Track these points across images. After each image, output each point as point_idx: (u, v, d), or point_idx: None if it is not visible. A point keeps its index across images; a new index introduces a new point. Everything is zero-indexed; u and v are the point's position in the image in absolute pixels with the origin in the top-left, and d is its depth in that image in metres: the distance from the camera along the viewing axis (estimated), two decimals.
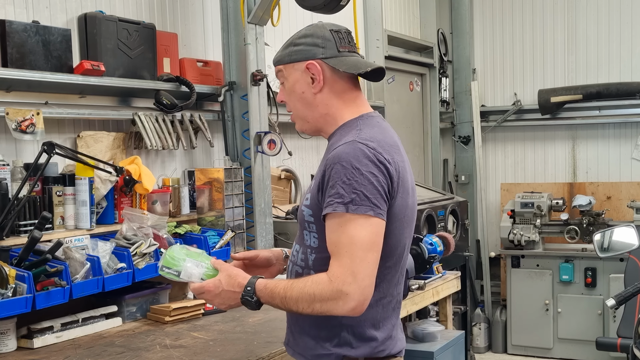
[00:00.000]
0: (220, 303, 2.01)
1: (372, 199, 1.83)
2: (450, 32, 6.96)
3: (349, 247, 1.82)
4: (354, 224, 1.82)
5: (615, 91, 6.24)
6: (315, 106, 2.02)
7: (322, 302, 1.84)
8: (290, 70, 2.03)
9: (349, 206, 1.82)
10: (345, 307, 1.82)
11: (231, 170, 3.63)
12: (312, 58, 1.99)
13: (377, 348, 1.98)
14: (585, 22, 6.54)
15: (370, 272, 1.83)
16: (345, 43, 2.01)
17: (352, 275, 1.81)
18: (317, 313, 1.86)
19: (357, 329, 1.96)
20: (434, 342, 3.58)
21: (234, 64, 3.82)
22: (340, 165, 1.85)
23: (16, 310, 2.47)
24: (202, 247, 3.26)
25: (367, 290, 1.83)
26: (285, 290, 1.90)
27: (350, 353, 1.96)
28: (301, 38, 2.02)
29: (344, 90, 2.02)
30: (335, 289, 1.81)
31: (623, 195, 6.35)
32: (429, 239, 3.52)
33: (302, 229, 2.02)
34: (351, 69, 1.98)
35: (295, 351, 2.07)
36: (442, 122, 6.87)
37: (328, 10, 3.65)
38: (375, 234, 1.85)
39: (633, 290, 2.82)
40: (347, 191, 1.82)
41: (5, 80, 2.81)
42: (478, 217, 6.77)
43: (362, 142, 1.88)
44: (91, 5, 3.35)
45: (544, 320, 6.18)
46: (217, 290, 2.00)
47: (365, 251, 1.82)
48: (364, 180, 1.83)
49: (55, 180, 2.90)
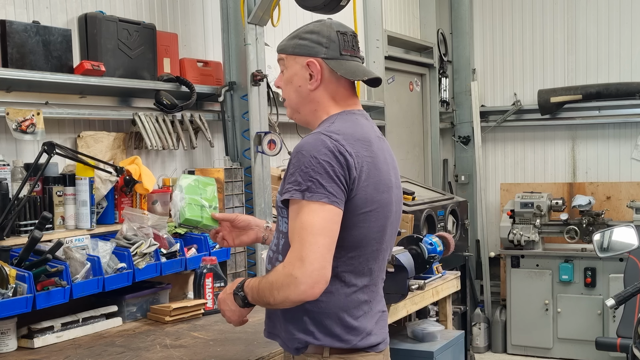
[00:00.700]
0: (227, 309, 2.12)
1: (327, 187, 1.88)
2: (450, 32, 6.96)
3: (300, 232, 1.87)
4: (307, 210, 1.88)
5: (615, 91, 6.24)
6: (309, 101, 2.08)
7: (279, 289, 1.90)
8: (291, 62, 2.08)
9: (305, 193, 1.88)
10: (296, 290, 1.86)
11: (231, 170, 3.63)
12: (314, 56, 2.04)
13: (341, 338, 2.00)
14: (585, 22, 6.54)
15: (320, 255, 1.86)
16: (349, 47, 2.06)
17: (300, 260, 1.86)
18: (280, 302, 1.92)
19: (319, 317, 1.99)
20: (434, 342, 3.59)
21: (234, 64, 3.82)
22: (300, 154, 1.92)
23: (16, 310, 2.47)
24: (202, 248, 3.27)
25: (317, 273, 1.86)
26: (259, 282, 1.99)
27: (314, 341, 2.00)
28: (307, 33, 2.07)
29: (338, 92, 2.08)
30: (286, 273, 1.88)
31: (623, 195, 6.36)
32: (428, 239, 3.53)
33: (278, 216, 2.08)
34: (348, 74, 2.03)
35: (272, 332, 2.14)
36: (442, 122, 6.87)
37: (328, 10, 3.65)
38: (328, 219, 1.88)
39: (633, 290, 2.82)
40: (304, 179, 1.89)
41: (5, 80, 2.81)
42: (478, 217, 6.77)
43: (326, 133, 1.94)
44: (91, 6, 3.35)
45: (544, 320, 6.18)
46: (224, 296, 2.13)
47: (315, 235, 1.86)
48: (320, 168, 1.88)
49: (56, 180, 2.90)
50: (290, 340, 2.03)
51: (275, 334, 2.12)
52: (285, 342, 2.07)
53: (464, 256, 5.48)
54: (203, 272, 3.08)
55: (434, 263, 3.59)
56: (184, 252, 3.19)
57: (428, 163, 6.82)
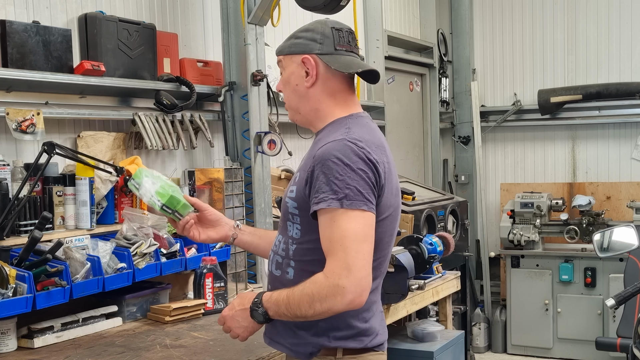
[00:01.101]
0: (237, 326, 2.05)
1: (364, 194, 1.87)
2: (450, 32, 6.96)
3: (342, 240, 1.84)
4: (346, 218, 1.85)
5: (615, 91, 6.24)
6: (307, 99, 2.06)
7: (321, 300, 1.85)
8: (288, 62, 2.08)
9: (343, 201, 1.85)
10: (343, 301, 1.84)
11: (231, 170, 3.63)
12: (308, 52, 2.03)
13: (355, 339, 2.00)
14: (585, 22, 6.54)
15: (366, 263, 1.86)
16: (345, 42, 2.04)
17: (346, 269, 1.83)
18: (321, 314, 1.88)
19: (334, 320, 1.97)
20: (434, 342, 3.59)
21: (234, 64, 3.82)
22: (331, 162, 1.88)
23: (16, 310, 2.47)
24: (202, 247, 3.27)
25: (364, 281, 1.85)
26: (288, 296, 1.93)
27: (328, 344, 1.99)
28: (302, 32, 2.07)
29: (337, 88, 2.06)
30: (331, 284, 1.84)
31: (623, 195, 6.36)
32: (428, 239, 3.53)
33: (285, 220, 2.05)
34: (342, 67, 2.02)
35: (273, 340, 2.10)
36: (442, 122, 6.87)
37: (328, 10, 3.65)
38: (368, 226, 1.88)
39: (633, 290, 2.82)
40: (341, 187, 1.85)
41: (5, 81, 2.81)
42: (478, 217, 6.78)
43: (351, 140, 1.92)
44: (91, 6, 3.35)
45: (544, 320, 6.18)
46: (231, 312, 2.06)
47: (359, 243, 1.85)
48: (356, 176, 1.87)
49: (56, 180, 2.90)
50: (303, 346, 2.01)
51: (278, 342, 2.09)
52: (294, 347, 2.04)
53: (464, 256, 5.47)
54: (203, 272, 3.08)
55: (434, 263, 3.59)
56: (184, 252, 3.19)
57: (428, 163, 6.82)
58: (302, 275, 1.95)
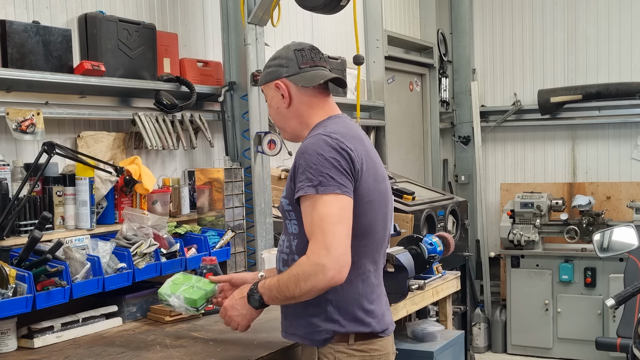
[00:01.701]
0: (237, 314, 2.26)
1: (337, 179, 2.06)
2: (450, 32, 6.96)
3: (320, 223, 2.04)
4: (322, 203, 2.05)
5: (615, 91, 6.24)
6: (290, 118, 2.31)
7: (305, 279, 2.04)
8: (267, 90, 2.35)
9: (318, 188, 2.06)
10: (325, 277, 2.02)
11: (231, 170, 3.63)
12: (278, 78, 2.29)
13: (363, 321, 2.18)
14: (585, 22, 6.54)
15: (342, 242, 2.04)
16: (308, 59, 2.29)
17: (325, 248, 2.02)
18: (306, 292, 2.06)
19: (342, 304, 2.16)
20: (434, 342, 3.58)
21: (234, 64, 3.82)
22: (307, 154, 2.11)
23: (16, 310, 2.47)
24: (202, 247, 3.27)
25: (342, 258, 2.04)
26: (278, 279, 2.13)
27: (340, 329, 2.16)
28: (272, 60, 2.34)
29: (312, 100, 2.29)
30: (312, 263, 2.03)
31: (623, 195, 6.36)
32: (428, 239, 3.53)
33: (284, 220, 2.26)
34: (308, 82, 2.26)
35: (288, 332, 2.28)
36: (442, 122, 6.87)
37: (328, 10, 3.65)
38: (343, 208, 2.07)
39: (633, 290, 2.82)
40: (315, 175, 2.07)
41: (5, 81, 2.81)
42: (478, 217, 6.78)
43: (326, 134, 2.14)
44: (91, 6, 3.35)
45: (544, 320, 6.18)
46: (231, 302, 2.27)
47: (335, 224, 2.04)
48: (328, 164, 2.07)
49: (56, 180, 2.90)
50: (317, 333, 2.17)
51: (292, 333, 2.26)
52: (309, 336, 2.19)
53: (464, 256, 5.47)
54: (203, 272, 3.06)
55: (434, 263, 3.58)
56: (184, 252, 3.19)
57: (428, 163, 6.82)
58: None
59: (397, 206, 4.30)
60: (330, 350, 2.18)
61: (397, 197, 4.46)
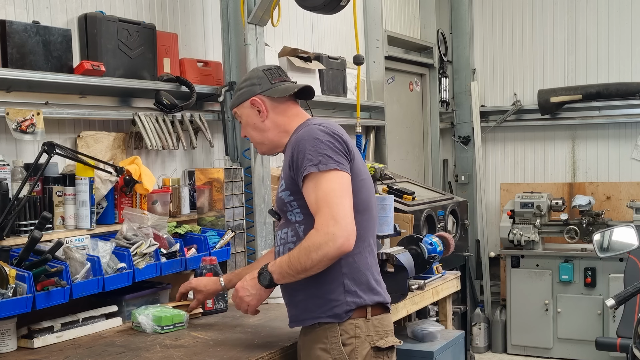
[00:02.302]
0: (247, 294, 2.41)
1: (334, 158, 2.26)
2: (450, 33, 6.97)
3: (325, 198, 2.22)
4: (324, 180, 2.23)
5: (615, 91, 6.24)
6: (268, 130, 2.49)
7: (317, 249, 2.20)
8: (242, 110, 2.54)
9: (319, 166, 2.24)
10: (335, 244, 2.18)
11: (231, 170, 3.63)
12: (252, 95, 2.49)
13: (376, 290, 2.38)
14: (585, 22, 6.55)
15: (348, 212, 2.22)
16: (276, 76, 2.52)
17: (333, 219, 2.19)
18: (318, 262, 2.21)
19: (356, 275, 2.34)
20: (434, 342, 3.58)
21: (234, 64, 3.82)
22: (303, 141, 2.30)
23: (16, 310, 2.47)
24: (202, 247, 3.27)
25: (350, 227, 2.21)
26: (289, 256, 2.28)
27: (358, 300, 2.32)
28: (242, 83, 2.54)
29: (287, 109, 2.50)
30: (322, 233, 2.19)
31: (622, 195, 6.36)
32: (428, 239, 3.53)
33: (285, 214, 2.41)
34: (282, 93, 2.48)
35: (301, 319, 2.39)
36: (442, 122, 6.88)
37: (328, 10, 3.65)
38: (344, 183, 2.26)
39: (633, 290, 2.82)
40: (314, 156, 2.25)
41: (5, 81, 2.81)
42: (478, 217, 6.78)
43: (316, 124, 2.36)
44: (91, 6, 3.35)
45: (544, 320, 6.18)
46: (243, 284, 2.43)
47: (339, 197, 2.22)
48: (325, 146, 2.27)
49: (56, 180, 2.90)
50: (337, 307, 2.31)
51: (307, 318, 2.36)
52: (329, 312, 2.31)
53: (464, 256, 5.47)
54: (203, 272, 3.07)
55: (434, 263, 3.58)
56: (184, 252, 3.19)
57: (428, 163, 6.82)
58: None
59: (397, 206, 4.30)
60: (351, 326, 2.32)
61: (397, 197, 4.46)
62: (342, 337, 2.32)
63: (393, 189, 4.61)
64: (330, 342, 2.32)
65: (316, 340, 2.35)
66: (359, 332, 2.33)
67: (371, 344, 2.35)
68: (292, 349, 2.54)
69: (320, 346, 2.33)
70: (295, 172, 2.30)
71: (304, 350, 2.40)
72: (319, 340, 2.34)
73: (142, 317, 2.75)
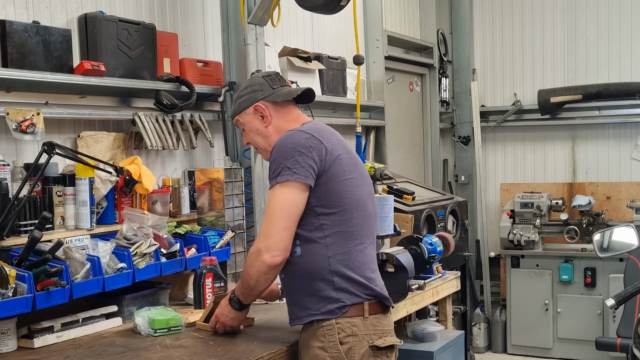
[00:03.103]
0: (227, 318, 2.59)
1: (292, 168, 2.30)
2: (450, 33, 6.96)
3: (267, 213, 2.34)
4: (273, 194, 2.33)
5: (615, 91, 6.24)
6: (271, 134, 2.52)
7: (251, 265, 2.36)
8: (244, 117, 2.57)
9: (277, 178, 2.32)
10: (260, 259, 2.32)
11: (231, 170, 3.63)
12: (256, 101, 2.53)
13: (367, 286, 2.39)
14: (585, 22, 6.55)
15: (280, 228, 2.30)
16: (276, 81, 2.56)
17: (264, 235, 2.33)
18: (255, 276, 2.37)
19: (346, 272, 2.37)
20: (434, 342, 3.58)
21: (234, 64, 3.82)
22: (274, 149, 2.38)
23: (16, 310, 2.47)
24: (202, 247, 3.27)
25: (278, 244, 2.30)
26: (242, 276, 2.45)
27: (351, 298, 2.36)
28: (243, 90, 2.57)
29: (287, 113, 2.54)
30: (254, 249, 2.36)
31: (623, 196, 6.36)
32: (428, 239, 3.53)
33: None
34: (286, 97, 2.52)
35: (299, 317, 2.43)
36: (442, 122, 6.87)
37: (328, 10, 3.65)
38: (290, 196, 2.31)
39: (633, 290, 2.82)
40: (276, 165, 2.33)
41: (5, 81, 2.81)
42: (478, 217, 6.77)
43: (297, 129, 2.41)
44: (91, 6, 3.35)
45: (544, 320, 6.18)
46: (221, 310, 2.60)
47: (277, 214, 2.31)
48: (288, 155, 2.32)
49: (56, 181, 2.90)
50: (330, 303, 2.35)
51: (303, 316, 2.41)
52: (323, 308, 2.36)
53: (464, 256, 5.47)
54: (203, 272, 3.07)
55: (434, 263, 3.58)
56: (184, 252, 3.19)
57: (428, 163, 6.82)
58: (308, 245, 2.37)
59: (397, 206, 4.30)
60: (348, 325, 2.35)
61: (397, 197, 4.46)
62: (339, 335, 2.35)
63: (393, 189, 4.61)
64: (328, 341, 2.35)
65: (314, 339, 2.37)
66: (356, 331, 2.36)
67: (369, 343, 2.37)
68: (292, 349, 2.54)
69: (317, 345, 2.37)
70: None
71: (304, 348, 2.43)
72: (317, 339, 2.37)
73: (138, 318, 2.75)
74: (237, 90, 2.62)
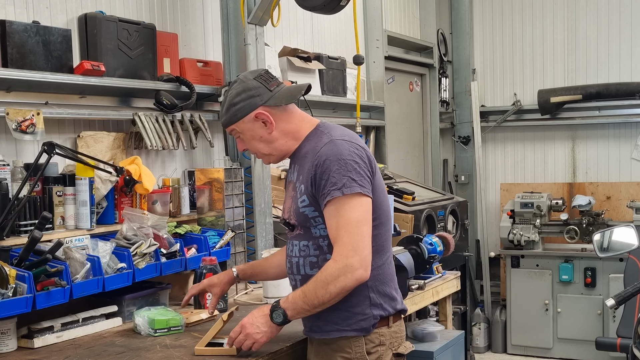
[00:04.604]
0: (256, 332, 2.26)
1: (358, 181, 2.19)
2: (450, 33, 6.97)
3: (346, 226, 2.17)
4: (347, 206, 2.18)
5: (615, 91, 6.24)
6: (276, 140, 2.36)
7: (335, 281, 2.15)
8: (242, 126, 2.36)
9: (343, 189, 2.17)
10: (353, 276, 2.15)
11: (231, 170, 3.63)
12: (255, 108, 2.32)
13: (394, 298, 2.35)
14: (585, 22, 6.55)
15: (367, 242, 2.18)
16: (271, 81, 2.35)
17: (353, 249, 2.15)
18: (336, 295, 2.17)
19: (381, 287, 2.30)
20: (434, 342, 3.58)
21: (234, 64, 3.82)
22: (329, 160, 2.20)
23: (16, 310, 2.47)
24: (202, 247, 3.27)
25: (368, 258, 2.18)
26: (303, 290, 2.22)
27: (383, 312, 2.30)
28: (237, 97, 2.33)
29: (291, 115, 2.38)
30: (341, 265, 2.15)
31: (622, 196, 6.36)
32: (428, 239, 3.53)
33: (307, 227, 2.31)
34: (289, 99, 2.35)
35: (324, 330, 2.31)
36: (442, 122, 6.88)
37: (328, 10, 3.65)
38: (366, 211, 2.21)
39: (633, 290, 2.82)
40: (338, 178, 2.18)
41: (5, 81, 2.81)
42: (478, 217, 6.78)
43: (339, 139, 2.26)
44: (91, 6, 3.35)
45: (544, 320, 6.18)
46: (251, 320, 2.28)
47: (360, 227, 2.17)
48: (349, 167, 2.19)
49: (56, 181, 2.90)
50: (364, 321, 2.27)
51: (331, 330, 2.30)
52: (355, 325, 2.27)
53: (464, 256, 5.47)
54: (203, 272, 3.07)
55: (434, 263, 3.58)
56: (184, 252, 3.19)
57: (428, 163, 6.82)
58: None
59: (397, 206, 4.30)
60: (376, 335, 2.30)
61: (397, 197, 4.46)
62: (366, 346, 2.29)
63: (393, 189, 4.61)
64: (355, 352, 2.29)
65: (338, 350, 2.31)
66: (383, 340, 2.32)
67: (393, 351, 2.35)
68: (293, 349, 2.54)
69: (342, 355, 2.30)
70: (317, 190, 2.22)
71: (320, 357, 2.36)
72: (342, 350, 2.30)
73: (138, 318, 2.74)
74: (227, 96, 2.37)
